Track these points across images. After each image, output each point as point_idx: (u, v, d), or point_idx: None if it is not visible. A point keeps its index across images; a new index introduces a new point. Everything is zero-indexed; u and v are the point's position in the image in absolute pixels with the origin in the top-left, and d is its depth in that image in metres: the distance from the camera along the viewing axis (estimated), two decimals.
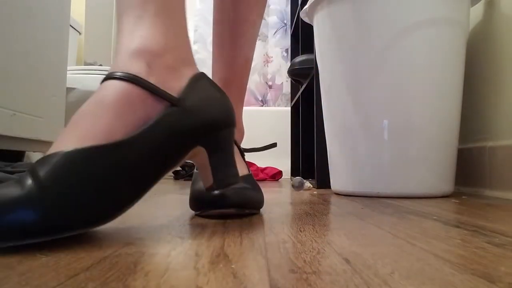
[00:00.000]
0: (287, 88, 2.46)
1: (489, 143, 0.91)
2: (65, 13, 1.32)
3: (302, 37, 1.76)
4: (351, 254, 0.30)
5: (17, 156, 1.21)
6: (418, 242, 0.34)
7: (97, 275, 0.24)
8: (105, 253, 0.29)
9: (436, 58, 0.85)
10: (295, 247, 0.32)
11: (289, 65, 1.73)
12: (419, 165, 0.84)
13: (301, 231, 0.40)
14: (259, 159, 1.78)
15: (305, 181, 1.11)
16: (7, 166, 0.93)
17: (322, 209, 0.60)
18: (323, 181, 1.14)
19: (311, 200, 0.78)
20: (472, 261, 0.27)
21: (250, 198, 0.51)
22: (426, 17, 0.84)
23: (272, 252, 0.30)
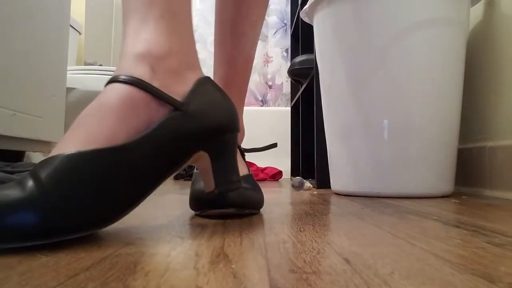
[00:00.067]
0: (287, 88, 2.46)
1: (489, 143, 0.91)
2: (65, 13, 1.32)
3: (302, 37, 1.77)
4: (351, 254, 0.30)
5: (17, 156, 1.21)
6: (418, 242, 0.34)
7: (97, 275, 0.24)
8: (105, 253, 0.29)
9: (436, 58, 0.85)
10: (295, 247, 0.32)
11: (289, 65, 1.73)
12: (419, 165, 0.84)
13: (301, 231, 0.40)
14: (259, 159, 1.79)
15: (305, 181, 1.11)
16: (7, 166, 0.93)
17: (322, 209, 0.60)
18: (323, 181, 1.14)
19: (311, 200, 0.78)
20: (472, 261, 0.27)
21: (250, 198, 0.51)
22: (426, 17, 0.84)
23: (272, 252, 0.30)
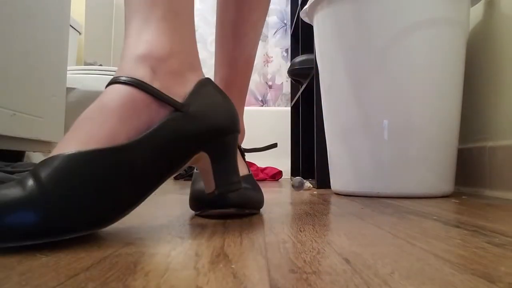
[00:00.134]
0: (287, 88, 2.46)
1: (489, 143, 0.91)
2: (65, 13, 1.32)
3: (302, 37, 1.77)
4: (351, 254, 0.30)
5: (17, 156, 1.21)
6: (418, 242, 0.34)
7: (97, 275, 0.24)
8: (105, 253, 0.29)
9: (436, 58, 0.85)
10: (295, 247, 0.32)
11: (289, 65, 1.73)
12: (419, 165, 0.84)
13: (301, 231, 0.40)
14: (259, 159, 1.79)
15: (305, 181, 1.11)
16: (7, 166, 0.93)
17: (322, 209, 0.60)
18: (323, 181, 1.14)
19: (311, 200, 0.78)
20: (472, 261, 0.27)
21: (250, 198, 0.51)
22: (426, 17, 0.84)
23: (272, 252, 0.30)
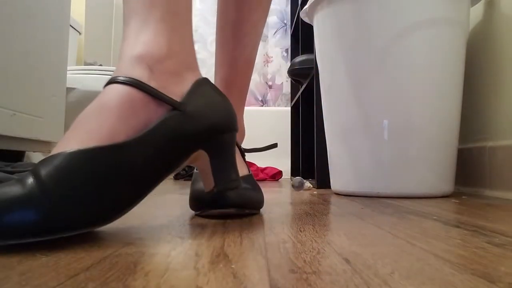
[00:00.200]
0: (287, 88, 2.46)
1: (489, 143, 0.91)
2: (65, 13, 1.32)
3: (302, 37, 1.77)
4: (351, 254, 0.30)
5: (17, 156, 1.21)
6: (418, 242, 0.34)
7: (97, 275, 0.24)
8: (105, 253, 0.29)
9: (436, 58, 0.85)
10: (295, 247, 0.32)
11: (289, 65, 1.73)
12: (419, 165, 0.84)
13: (301, 231, 0.40)
14: (259, 159, 1.79)
15: (305, 181, 1.11)
16: (7, 166, 0.93)
17: (322, 209, 0.60)
18: (323, 181, 1.14)
19: (311, 200, 0.78)
20: (472, 261, 0.27)
21: (250, 198, 0.51)
22: (426, 17, 0.84)
23: (272, 252, 0.30)
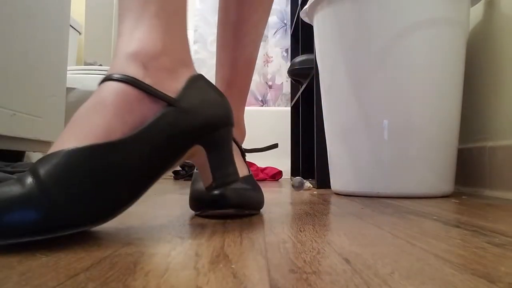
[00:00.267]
0: (287, 88, 2.46)
1: (489, 143, 0.91)
2: (65, 13, 1.32)
3: (302, 37, 1.76)
4: (351, 254, 0.30)
5: (17, 156, 1.21)
6: (418, 242, 0.34)
7: (97, 275, 0.24)
8: (105, 253, 0.29)
9: (436, 58, 0.85)
10: (295, 247, 0.32)
11: (289, 65, 1.73)
12: (419, 165, 0.84)
13: (301, 231, 0.40)
14: (259, 159, 1.78)
15: (305, 181, 1.11)
16: (7, 166, 0.93)
17: (322, 209, 0.60)
18: (323, 181, 1.14)
19: (311, 200, 0.78)
20: (472, 261, 0.27)
21: (250, 198, 0.51)
22: (426, 17, 0.84)
23: (272, 252, 0.30)
